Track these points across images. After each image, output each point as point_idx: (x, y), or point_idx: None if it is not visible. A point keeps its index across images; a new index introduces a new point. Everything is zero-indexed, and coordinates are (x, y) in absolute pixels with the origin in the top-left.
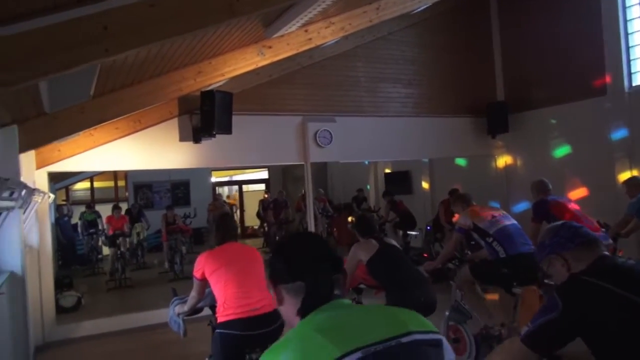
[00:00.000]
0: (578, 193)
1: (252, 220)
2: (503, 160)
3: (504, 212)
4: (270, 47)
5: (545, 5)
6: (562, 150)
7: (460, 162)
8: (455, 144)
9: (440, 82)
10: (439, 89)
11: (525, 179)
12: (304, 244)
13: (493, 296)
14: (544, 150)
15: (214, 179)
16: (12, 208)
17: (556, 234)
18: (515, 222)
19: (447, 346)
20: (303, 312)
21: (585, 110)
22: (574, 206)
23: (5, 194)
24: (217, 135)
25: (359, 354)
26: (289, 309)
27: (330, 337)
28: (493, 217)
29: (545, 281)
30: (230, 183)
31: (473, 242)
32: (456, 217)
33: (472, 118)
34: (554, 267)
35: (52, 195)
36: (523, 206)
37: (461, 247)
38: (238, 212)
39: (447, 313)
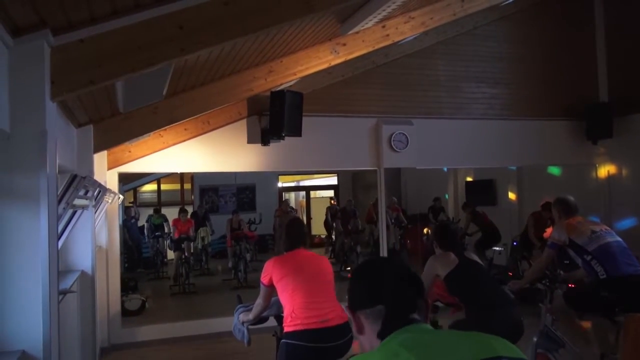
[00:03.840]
0: None
1: (319, 228)
2: (605, 170)
3: (607, 228)
4: (344, 45)
5: None
6: None
7: (554, 170)
8: (548, 150)
9: (532, 82)
10: (530, 88)
11: (632, 192)
12: (383, 266)
13: (590, 324)
14: None
15: (280, 184)
16: (86, 207)
17: None
18: (619, 239)
19: None
20: (384, 335)
21: None
22: None
23: (81, 193)
24: (286, 138)
25: None
26: (369, 337)
27: (416, 353)
28: (593, 232)
29: None
30: (297, 189)
31: (567, 262)
32: (548, 232)
33: (568, 121)
34: None
35: (121, 197)
36: (628, 223)
37: (553, 266)
38: (304, 218)
39: (535, 339)
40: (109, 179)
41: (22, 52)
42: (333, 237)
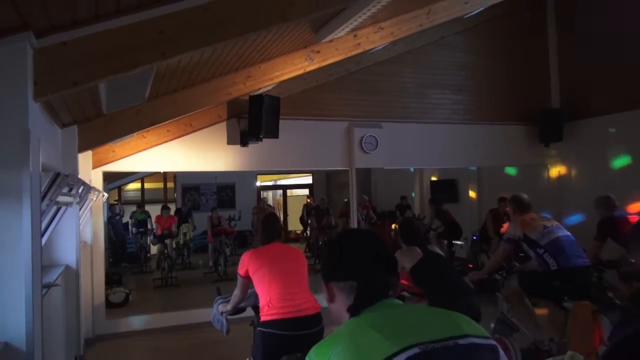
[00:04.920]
0: (638, 207)
1: (295, 224)
2: (556, 170)
3: (557, 223)
4: (318, 52)
5: (606, 5)
6: (621, 161)
7: (510, 171)
8: (505, 152)
9: (492, 89)
10: (490, 95)
11: (580, 190)
12: (358, 242)
13: (542, 310)
14: (601, 160)
15: (259, 183)
16: (71, 204)
17: None
18: (568, 233)
19: (502, 354)
20: (353, 311)
21: None
22: None
23: (65, 190)
24: (263, 139)
25: (416, 349)
26: (339, 307)
27: (386, 333)
28: (545, 227)
29: (609, 295)
30: (274, 187)
31: (522, 254)
32: (505, 228)
33: (524, 126)
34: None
35: (106, 194)
36: (576, 218)
37: (509, 258)
38: (280, 215)
39: (492, 325)
40: (94, 177)
41: (4, 53)
42: (308, 232)
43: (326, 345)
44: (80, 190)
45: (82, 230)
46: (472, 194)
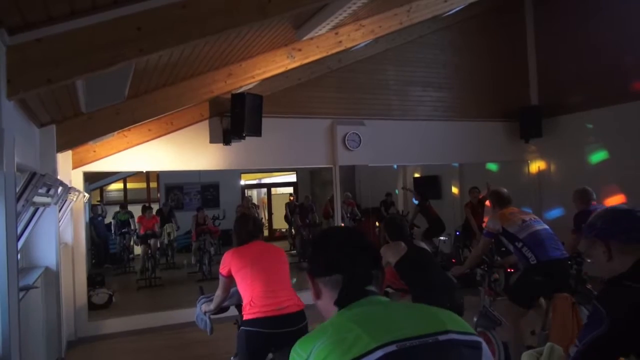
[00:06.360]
0: (614, 200)
1: (280, 223)
2: (536, 166)
3: (535, 217)
4: (300, 50)
5: (583, 6)
6: (598, 156)
7: (492, 167)
8: (486, 148)
9: (473, 86)
10: (471, 92)
11: (559, 185)
12: (342, 237)
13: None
14: (579, 155)
15: (243, 182)
16: (48, 204)
17: (613, 222)
18: (547, 226)
19: (486, 350)
20: (340, 303)
21: (624, 115)
22: None
23: (42, 190)
24: (246, 138)
25: (393, 347)
26: (326, 303)
27: (366, 329)
28: (523, 221)
29: (588, 287)
30: (259, 186)
31: (504, 249)
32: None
33: (504, 122)
34: (595, 250)
35: (86, 195)
36: (556, 213)
37: (491, 253)
38: (265, 213)
39: (475, 319)
40: (74, 178)
41: None
42: (293, 231)
43: (311, 338)
44: (59, 191)
45: (62, 231)
46: (454, 190)
